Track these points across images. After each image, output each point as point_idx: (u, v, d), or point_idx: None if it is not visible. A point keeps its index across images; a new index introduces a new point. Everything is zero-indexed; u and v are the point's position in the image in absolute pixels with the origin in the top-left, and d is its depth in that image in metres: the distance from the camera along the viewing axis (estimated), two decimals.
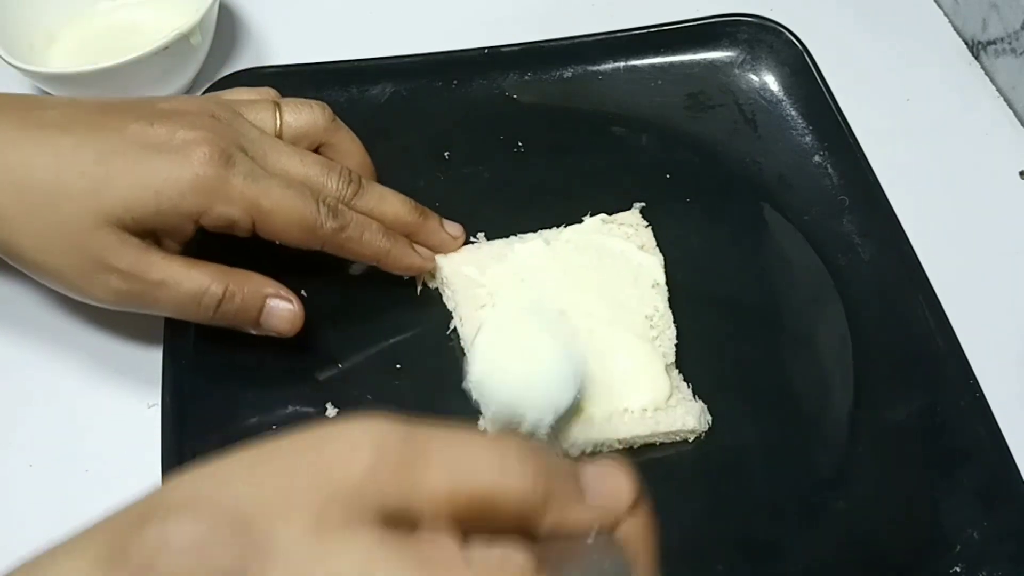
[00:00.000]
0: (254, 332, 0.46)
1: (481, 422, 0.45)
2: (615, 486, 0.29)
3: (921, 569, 0.43)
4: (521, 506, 0.27)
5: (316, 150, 0.49)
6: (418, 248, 0.49)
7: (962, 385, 0.47)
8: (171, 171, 0.42)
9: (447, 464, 0.27)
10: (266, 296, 0.45)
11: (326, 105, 0.49)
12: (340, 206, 0.46)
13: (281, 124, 0.47)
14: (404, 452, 0.27)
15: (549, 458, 0.28)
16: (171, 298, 0.44)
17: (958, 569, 0.42)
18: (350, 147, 0.50)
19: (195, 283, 0.44)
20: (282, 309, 0.45)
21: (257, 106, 0.48)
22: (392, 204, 0.48)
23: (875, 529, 0.44)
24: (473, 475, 0.27)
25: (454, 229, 0.51)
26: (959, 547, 0.43)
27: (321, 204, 0.45)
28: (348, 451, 0.26)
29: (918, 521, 0.44)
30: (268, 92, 0.50)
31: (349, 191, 0.47)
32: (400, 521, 0.26)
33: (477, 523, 0.27)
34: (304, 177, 0.46)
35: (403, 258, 0.48)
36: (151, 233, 0.44)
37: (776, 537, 0.44)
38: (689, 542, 0.43)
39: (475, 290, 0.49)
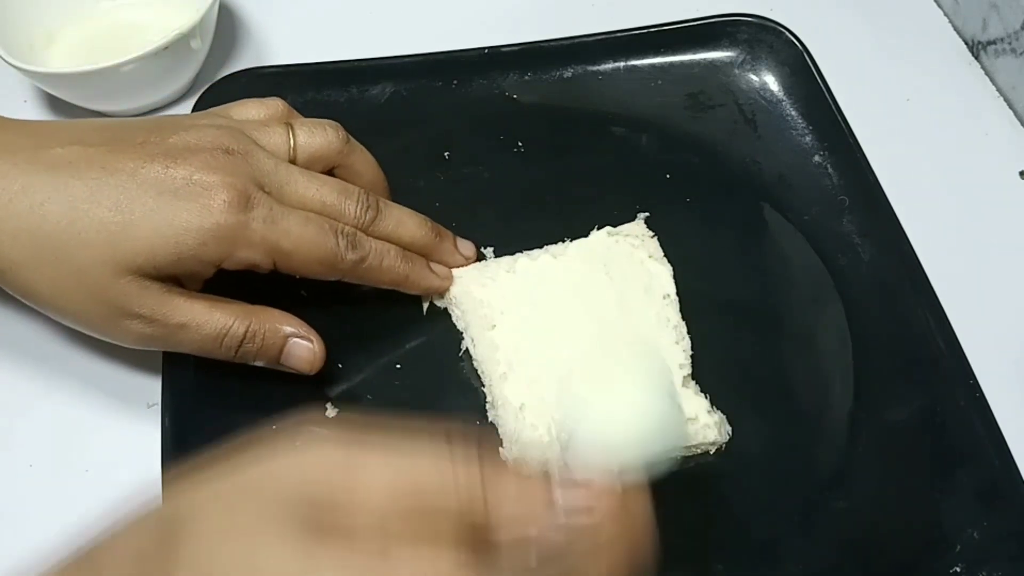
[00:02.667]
0: (275, 368, 0.46)
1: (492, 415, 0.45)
2: (586, 499, 0.30)
3: (921, 569, 0.43)
4: (460, 512, 0.28)
5: (331, 171, 0.48)
6: (435, 267, 0.49)
7: (962, 385, 0.47)
8: (191, 220, 0.42)
9: (382, 472, 0.29)
10: (287, 336, 0.45)
11: (339, 125, 0.49)
12: (358, 235, 0.46)
13: (295, 147, 0.47)
14: (341, 463, 0.29)
15: (495, 470, 0.29)
16: (193, 340, 0.44)
17: (958, 569, 0.42)
18: (364, 167, 0.49)
19: (216, 325, 0.44)
20: (302, 349, 0.45)
21: (270, 130, 0.47)
22: (409, 227, 0.48)
23: (875, 529, 0.44)
24: (408, 479, 0.28)
25: (467, 249, 0.51)
26: (959, 547, 0.43)
27: (340, 237, 0.45)
28: (282, 463, 0.29)
29: (918, 521, 0.44)
30: (277, 106, 0.49)
31: (367, 217, 0.46)
32: (335, 527, 0.27)
33: (423, 531, 0.28)
34: (321, 206, 0.45)
35: (421, 281, 0.48)
36: (172, 277, 0.43)
37: (776, 537, 0.44)
38: (689, 542, 0.43)
39: (485, 310, 0.48)
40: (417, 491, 0.28)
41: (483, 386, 0.47)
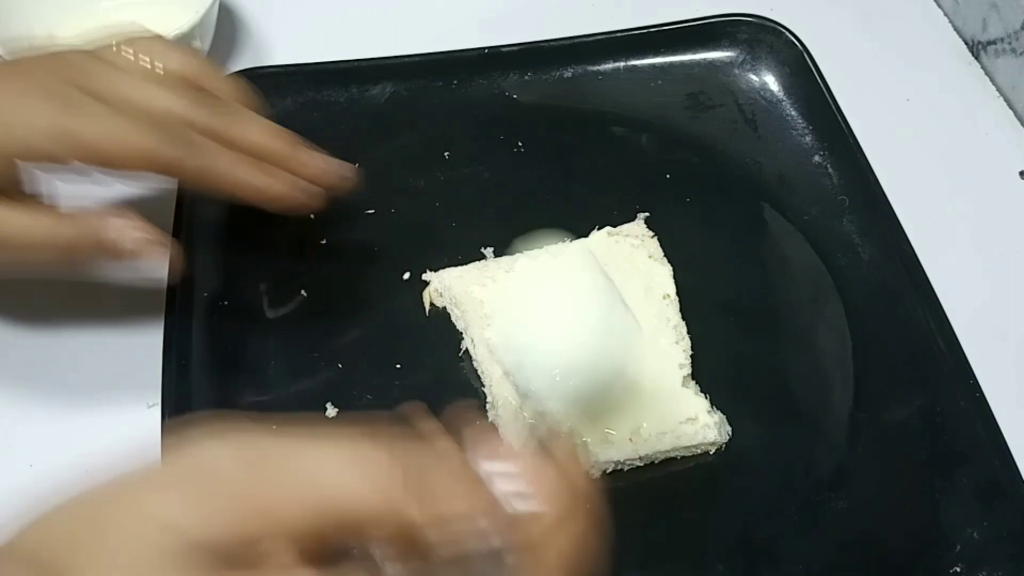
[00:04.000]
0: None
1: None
2: (524, 484, 0.27)
3: (921, 569, 0.43)
4: (386, 519, 0.25)
5: None
6: (299, 183, 0.45)
7: (962, 385, 0.47)
8: None
9: (297, 485, 0.25)
10: (115, 228, 0.41)
11: (197, 51, 0.46)
12: (189, 133, 0.42)
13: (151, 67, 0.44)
14: (243, 478, 0.25)
15: (423, 463, 0.27)
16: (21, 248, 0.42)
17: (958, 569, 0.42)
18: (229, 92, 0.46)
19: (39, 230, 0.41)
20: (129, 231, 0.42)
21: (124, 57, 0.44)
22: (254, 132, 0.44)
23: (875, 529, 0.44)
24: (326, 493, 0.25)
25: (324, 162, 0.46)
26: (959, 547, 0.43)
27: (162, 132, 0.41)
28: (175, 485, 0.26)
29: (918, 521, 0.44)
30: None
31: (215, 123, 0.43)
32: (241, 552, 0.24)
33: (346, 540, 0.25)
34: (155, 108, 0.42)
35: (271, 188, 0.44)
36: None
37: (776, 537, 0.44)
38: (689, 542, 0.44)
39: (484, 310, 0.48)
40: (335, 505, 0.25)
41: (483, 386, 0.47)
